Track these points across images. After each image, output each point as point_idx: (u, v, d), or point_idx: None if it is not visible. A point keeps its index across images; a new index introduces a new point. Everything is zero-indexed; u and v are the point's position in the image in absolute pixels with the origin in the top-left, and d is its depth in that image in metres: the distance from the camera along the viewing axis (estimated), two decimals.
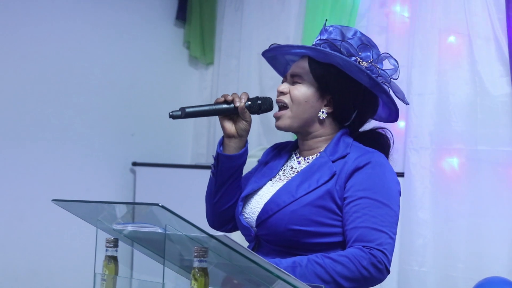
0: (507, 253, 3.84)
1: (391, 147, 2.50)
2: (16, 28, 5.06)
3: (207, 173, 5.26)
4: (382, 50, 2.49)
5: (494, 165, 3.92)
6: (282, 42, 5.17)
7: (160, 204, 1.74)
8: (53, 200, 2.13)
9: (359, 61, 2.38)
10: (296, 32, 5.12)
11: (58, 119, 5.24)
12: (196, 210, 2.70)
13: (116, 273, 2.12)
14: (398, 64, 2.46)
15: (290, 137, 4.81)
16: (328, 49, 2.39)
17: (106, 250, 2.13)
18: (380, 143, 2.47)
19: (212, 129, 5.76)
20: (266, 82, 5.28)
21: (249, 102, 2.44)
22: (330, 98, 2.40)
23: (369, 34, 4.30)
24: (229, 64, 5.74)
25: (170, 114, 2.37)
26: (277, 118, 2.43)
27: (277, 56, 2.58)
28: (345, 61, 2.36)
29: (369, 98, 2.44)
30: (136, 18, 5.71)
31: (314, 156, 2.42)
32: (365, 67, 2.38)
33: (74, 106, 5.33)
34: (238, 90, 5.54)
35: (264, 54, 2.58)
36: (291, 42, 5.15)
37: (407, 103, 2.51)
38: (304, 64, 2.43)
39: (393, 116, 2.51)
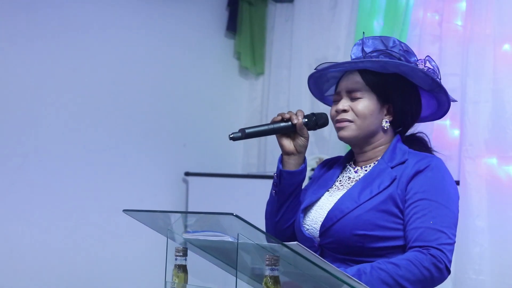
0: None
1: (432, 149, 2.53)
2: (72, 37, 5.14)
3: (258, 183, 5.37)
4: (435, 59, 2.54)
5: None
6: (332, 52, 5.26)
7: (234, 214, 1.77)
8: (124, 210, 2.17)
9: (418, 66, 2.43)
10: (347, 42, 5.12)
11: (111, 131, 5.30)
12: (248, 219, 2.72)
13: (186, 282, 2.16)
14: (437, 65, 2.48)
15: (343, 146, 4.83)
16: (388, 59, 2.41)
17: (176, 259, 2.17)
18: (425, 145, 2.52)
19: (263, 140, 5.78)
20: None
21: (306, 119, 2.46)
22: (389, 106, 2.44)
23: (422, 43, 4.36)
24: (280, 75, 5.76)
25: (231, 136, 2.38)
26: (341, 128, 2.45)
27: (321, 75, 2.60)
28: (410, 68, 2.40)
29: (419, 99, 2.49)
30: (187, 29, 5.76)
31: (372, 165, 2.45)
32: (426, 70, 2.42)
33: (126, 117, 5.38)
34: (288, 101, 5.57)
35: (318, 71, 2.58)
36: (342, 52, 5.17)
37: (455, 100, 2.55)
38: (357, 78, 2.45)
39: (439, 114, 2.56)
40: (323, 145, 5.23)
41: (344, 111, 2.44)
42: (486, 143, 4.12)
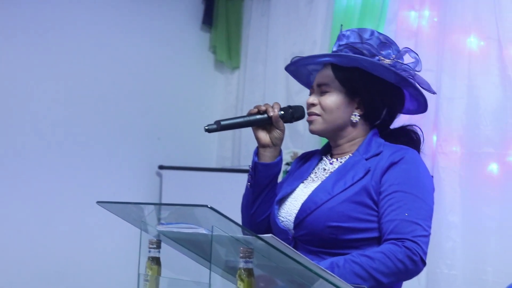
0: None
1: (422, 142, 2.53)
2: (42, 34, 5.13)
3: (232, 177, 5.37)
4: None
5: None
6: (309, 47, 5.25)
7: (209, 206, 1.76)
8: (98, 202, 2.15)
9: (382, 60, 2.42)
10: (323, 37, 5.13)
11: (85, 124, 5.29)
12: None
13: (159, 274, 2.15)
14: (418, 56, 2.49)
15: (318, 140, 4.83)
16: (350, 53, 2.42)
17: (149, 251, 2.16)
18: (413, 139, 2.51)
19: (237, 133, 5.78)
20: (292, 86, 5.28)
21: (282, 112, 2.47)
22: (359, 100, 2.44)
23: (398, 39, 4.36)
24: (255, 69, 5.76)
25: (206, 128, 2.38)
26: (310, 122, 2.46)
27: (299, 68, 2.61)
28: (370, 62, 2.40)
29: (396, 93, 2.48)
30: (162, 23, 5.75)
31: (347, 157, 2.45)
32: (389, 64, 2.41)
33: (101, 111, 5.37)
34: (264, 95, 5.57)
35: (287, 68, 2.61)
36: (318, 46, 5.17)
37: (434, 92, 2.55)
38: (328, 72, 2.46)
39: (422, 107, 2.55)
40: (298, 139, 5.23)
41: (313, 105, 2.45)
42: (460, 139, 4.14)
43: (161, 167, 5.63)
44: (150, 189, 5.62)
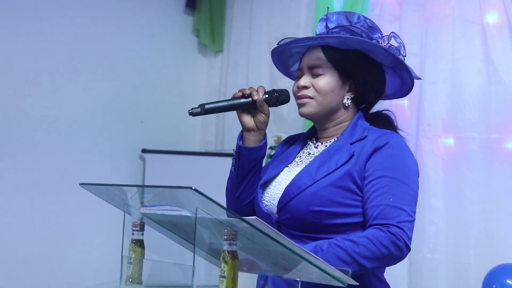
0: None
1: (397, 128, 2.50)
2: (21, 20, 5.09)
3: (215, 160, 5.36)
4: None
5: (507, 153, 3.94)
6: (292, 30, 5.24)
7: (193, 188, 1.75)
8: (81, 184, 2.14)
9: (380, 43, 2.41)
10: (307, 20, 5.12)
11: (67, 108, 5.26)
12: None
13: (143, 256, 2.14)
14: (402, 41, 2.47)
15: (301, 124, 4.83)
16: (348, 35, 2.40)
17: (133, 234, 2.16)
18: (390, 123, 2.49)
19: (221, 117, 5.77)
20: (276, 70, 5.22)
21: (267, 95, 2.44)
22: (351, 83, 2.43)
23: (381, 22, 4.35)
24: (239, 52, 5.75)
25: (190, 111, 2.35)
26: (302, 104, 2.44)
27: (283, 51, 2.58)
28: (371, 44, 2.39)
29: (383, 78, 2.48)
30: (145, 6, 5.72)
31: (332, 140, 2.44)
32: (386, 47, 2.41)
33: (83, 94, 5.34)
34: (247, 78, 5.56)
35: (280, 46, 2.56)
36: (302, 30, 5.16)
37: (419, 78, 2.53)
38: (319, 54, 2.43)
39: (403, 91, 2.55)
40: (282, 123, 5.23)
41: (305, 87, 2.42)
42: (444, 123, 4.15)
43: (144, 151, 5.61)
44: (133, 173, 5.60)
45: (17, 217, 4.99)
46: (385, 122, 2.49)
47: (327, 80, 2.41)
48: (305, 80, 2.43)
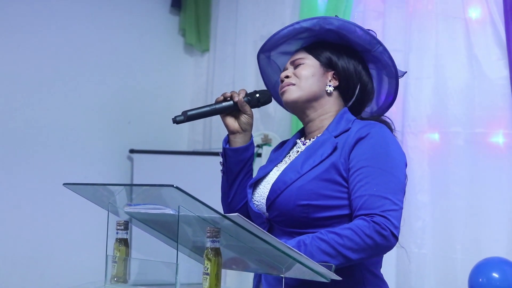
0: (505, 234, 3.88)
1: (393, 131, 2.49)
2: (10, 23, 5.09)
3: (203, 160, 5.36)
4: (379, 35, 2.53)
5: (492, 147, 3.96)
6: (277, 28, 5.14)
7: (175, 185, 1.76)
8: (64, 184, 2.14)
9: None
10: (291, 19, 5.11)
11: (54, 109, 5.26)
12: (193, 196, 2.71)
13: (127, 255, 2.15)
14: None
15: (288, 122, 4.84)
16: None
17: (117, 233, 2.16)
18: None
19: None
20: None
21: (248, 97, 2.47)
22: (334, 73, 2.45)
23: (366, 19, 4.38)
24: (225, 51, 5.76)
25: (173, 119, 2.38)
26: (284, 92, 2.46)
27: (270, 61, 2.62)
28: (345, 21, 2.44)
29: (368, 74, 2.50)
30: (131, 7, 5.72)
31: (319, 135, 2.44)
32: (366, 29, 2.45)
33: (70, 96, 5.34)
34: (234, 77, 5.57)
35: (266, 46, 2.60)
36: None
37: (404, 72, 2.55)
38: (300, 51, 2.49)
39: (390, 96, 2.54)
40: (268, 121, 5.24)
41: (287, 77, 2.45)
42: (428, 119, 4.17)
43: (132, 151, 5.61)
44: (122, 173, 5.60)
45: (5, 220, 4.99)
46: None
47: (307, 67, 2.44)
48: (287, 72, 2.47)
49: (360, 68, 2.48)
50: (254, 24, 5.50)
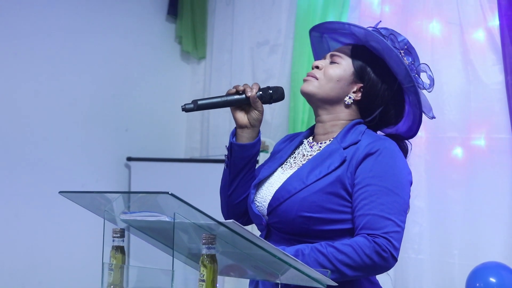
0: (502, 239, 3.88)
1: (408, 152, 2.49)
2: (7, 29, 5.09)
3: (201, 167, 5.36)
4: None
5: (488, 152, 3.96)
6: (274, 35, 5.27)
7: (170, 192, 1.76)
8: (60, 192, 2.14)
9: (402, 55, 2.39)
10: (288, 25, 5.14)
11: (52, 116, 5.25)
12: (191, 203, 2.70)
13: (124, 263, 2.14)
14: (433, 78, 2.46)
15: (285, 129, 4.84)
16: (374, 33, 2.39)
17: (113, 240, 2.15)
18: (399, 144, 2.41)
19: (205, 124, 5.78)
20: (259, 75, 5.28)
21: (261, 92, 2.41)
22: (361, 87, 2.40)
23: (361, 24, 4.36)
24: (222, 58, 5.77)
25: (183, 107, 2.35)
26: (304, 81, 2.42)
27: (322, 39, 2.58)
28: (388, 47, 2.36)
29: (396, 101, 2.43)
30: (128, 14, 5.73)
31: (328, 142, 2.41)
32: (406, 64, 2.37)
33: (67, 103, 5.34)
34: (231, 84, 5.57)
35: (318, 28, 2.56)
36: (283, 35, 5.18)
37: (432, 117, 2.50)
38: (347, 49, 2.43)
39: (413, 129, 2.50)
40: (265, 128, 5.23)
41: (317, 67, 2.42)
42: (424, 124, 4.14)
43: (129, 159, 5.62)
44: (119, 181, 5.61)
45: (2, 227, 4.99)
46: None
47: (338, 70, 2.39)
48: (321, 62, 2.44)
49: (390, 93, 2.40)
50: (250, 31, 5.51)
